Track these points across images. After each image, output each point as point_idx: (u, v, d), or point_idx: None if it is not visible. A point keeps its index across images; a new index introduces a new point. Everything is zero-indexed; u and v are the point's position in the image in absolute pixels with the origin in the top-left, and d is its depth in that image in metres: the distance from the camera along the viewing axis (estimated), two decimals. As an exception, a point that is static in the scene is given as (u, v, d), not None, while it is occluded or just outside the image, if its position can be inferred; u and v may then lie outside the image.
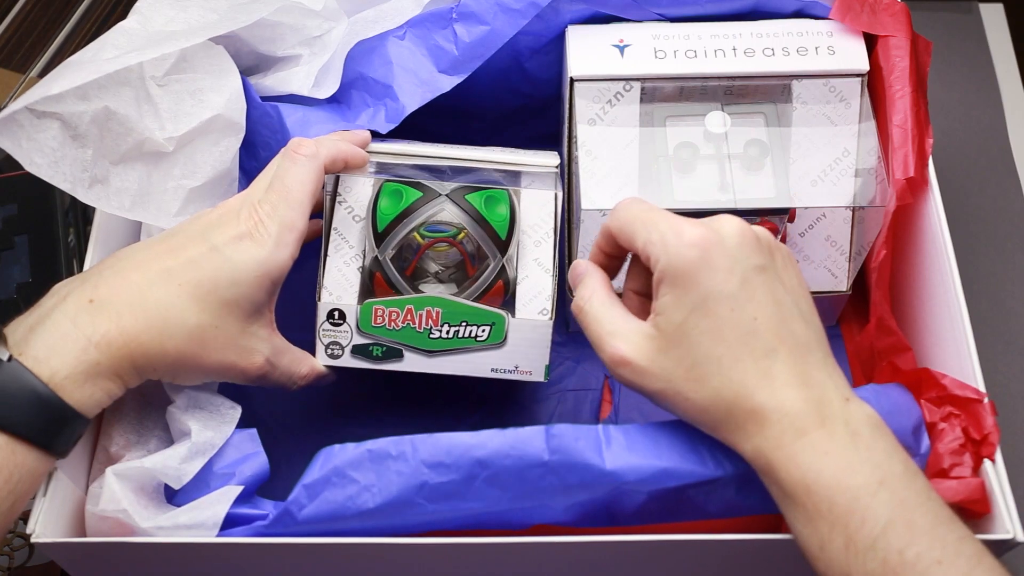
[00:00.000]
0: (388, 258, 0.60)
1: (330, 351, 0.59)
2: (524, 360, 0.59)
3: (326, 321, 0.59)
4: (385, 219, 0.60)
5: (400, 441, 0.51)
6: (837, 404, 0.48)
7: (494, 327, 0.59)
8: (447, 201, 0.61)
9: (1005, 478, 0.52)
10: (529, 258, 0.61)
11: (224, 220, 0.55)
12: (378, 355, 0.59)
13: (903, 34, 0.64)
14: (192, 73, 0.61)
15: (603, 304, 0.52)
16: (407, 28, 0.66)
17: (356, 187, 0.62)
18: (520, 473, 0.50)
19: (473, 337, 0.59)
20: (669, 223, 0.50)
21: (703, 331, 0.48)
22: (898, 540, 0.44)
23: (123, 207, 0.60)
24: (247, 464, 0.54)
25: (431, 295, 0.59)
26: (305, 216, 0.56)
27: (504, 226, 0.61)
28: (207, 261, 0.53)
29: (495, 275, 0.60)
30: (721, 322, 0.48)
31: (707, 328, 0.48)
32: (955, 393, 0.54)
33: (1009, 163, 0.82)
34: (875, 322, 0.61)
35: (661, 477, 0.50)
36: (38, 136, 0.57)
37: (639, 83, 0.65)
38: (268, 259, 0.54)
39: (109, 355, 0.50)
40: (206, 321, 0.53)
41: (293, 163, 0.57)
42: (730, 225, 0.50)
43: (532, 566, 0.54)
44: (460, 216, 0.61)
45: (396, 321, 0.59)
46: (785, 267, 0.51)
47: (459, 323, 0.59)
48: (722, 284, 0.48)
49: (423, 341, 0.59)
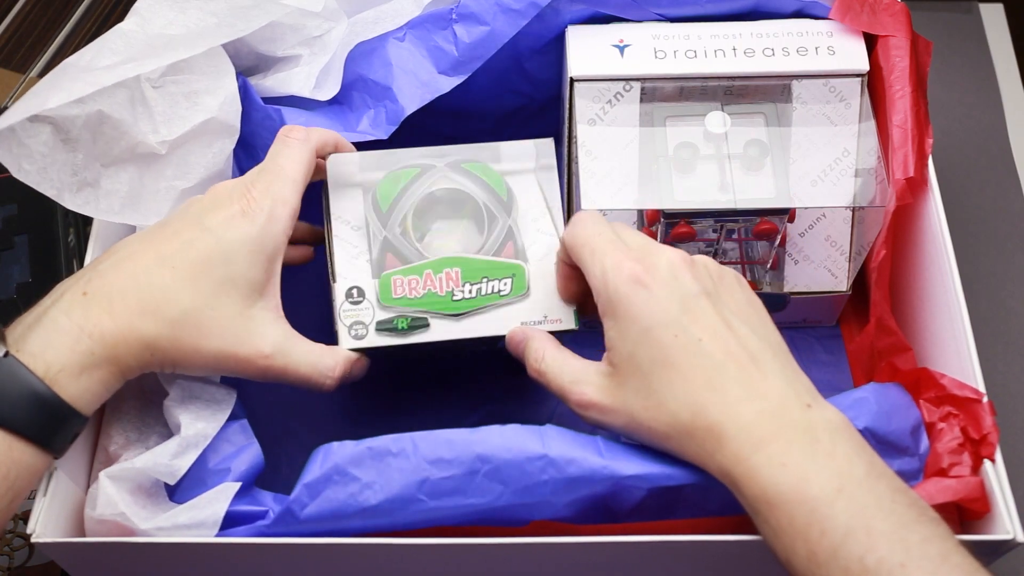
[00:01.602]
0: (397, 233, 0.60)
1: (354, 332, 0.58)
2: (551, 308, 0.59)
3: (345, 301, 0.58)
4: (387, 197, 0.60)
5: (400, 438, 0.51)
6: (796, 412, 0.47)
7: (515, 278, 0.58)
8: (446, 169, 0.61)
9: (1005, 478, 0.52)
10: (531, 229, 0.61)
11: (217, 203, 0.55)
12: (403, 327, 0.58)
13: (903, 34, 0.64)
14: (189, 75, 0.61)
15: (555, 358, 0.54)
16: (407, 29, 0.66)
17: (348, 202, 0.61)
18: (520, 466, 0.50)
19: (497, 292, 0.58)
20: (611, 257, 0.51)
21: (652, 360, 0.49)
22: (858, 547, 0.44)
23: (112, 210, 0.59)
24: (241, 457, 0.54)
25: (447, 256, 0.59)
26: (297, 193, 0.56)
27: (502, 187, 0.61)
28: (199, 242, 0.53)
29: (504, 235, 0.60)
30: (667, 348, 0.49)
31: (655, 356, 0.49)
32: (954, 393, 0.54)
33: (1009, 163, 0.82)
34: (875, 322, 0.61)
35: (660, 472, 0.51)
36: (29, 142, 0.56)
37: (639, 83, 0.65)
38: (261, 234, 0.54)
39: (103, 343, 0.50)
40: (201, 303, 0.52)
41: (286, 145, 0.57)
42: (667, 256, 0.51)
43: (532, 566, 0.54)
44: (461, 180, 0.61)
45: (417, 288, 0.58)
46: (731, 290, 0.52)
47: (480, 279, 0.58)
48: (662, 312, 0.49)
49: (447, 305, 0.58)
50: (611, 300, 0.51)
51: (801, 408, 0.48)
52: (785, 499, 0.45)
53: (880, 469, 0.46)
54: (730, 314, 0.50)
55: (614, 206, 0.64)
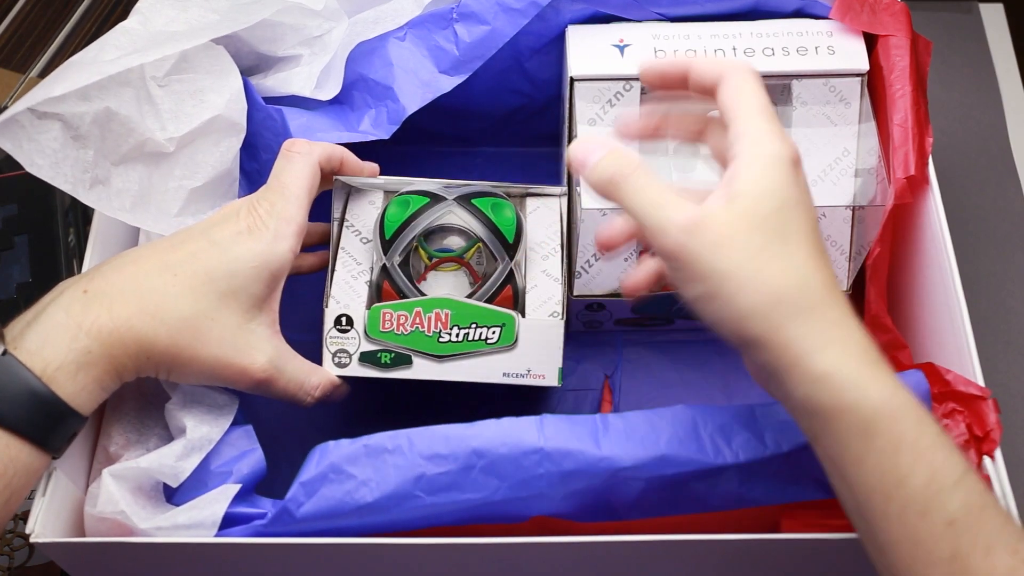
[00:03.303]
0: (396, 264, 0.60)
1: (337, 359, 0.59)
2: (536, 363, 0.58)
3: (333, 328, 0.58)
4: (392, 225, 0.60)
5: (396, 435, 0.51)
6: None
7: (504, 328, 0.58)
8: (454, 204, 0.61)
9: (1005, 477, 0.52)
10: (537, 270, 0.61)
11: (225, 219, 0.55)
12: (387, 362, 0.58)
13: (903, 34, 0.64)
14: (193, 73, 0.61)
15: (651, 175, 0.47)
16: (407, 29, 0.66)
17: (363, 213, 0.62)
18: (516, 460, 0.50)
19: (483, 340, 0.58)
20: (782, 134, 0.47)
21: (798, 206, 0.45)
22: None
23: (124, 208, 0.59)
24: (244, 461, 0.54)
25: (440, 296, 0.59)
26: (302, 210, 0.56)
27: (512, 230, 0.60)
28: (205, 254, 0.53)
29: (503, 279, 0.60)
30: (808, 225, 0.46)
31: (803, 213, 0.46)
32: (959, 389, 0.54)
33: (1009, 163, 0.82)
34: (870, 319, 0.61)
35: (659, 464, 0.50)
36: (39, 137, 0.57)
37: (639, 83, 0.65)
38: (266, 251, 0.54)
39: (100, 341, 0.50)
40: (201, 311, 0.52)
41: (288, 161, 0.57)
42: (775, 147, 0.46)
43: (532, 566, 0.54)
44: (467, 219, 0.61)
45: (404, 325, 0.58)
46: None
47: (469, 325, 0.58)
48: (809, 200, 0.47)
49: (432, 346, 0.58)
50: (777, 163, 0.46)
51: None
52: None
53: None
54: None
55: (614, 206, 0.64)
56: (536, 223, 0.63)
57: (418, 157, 0.76)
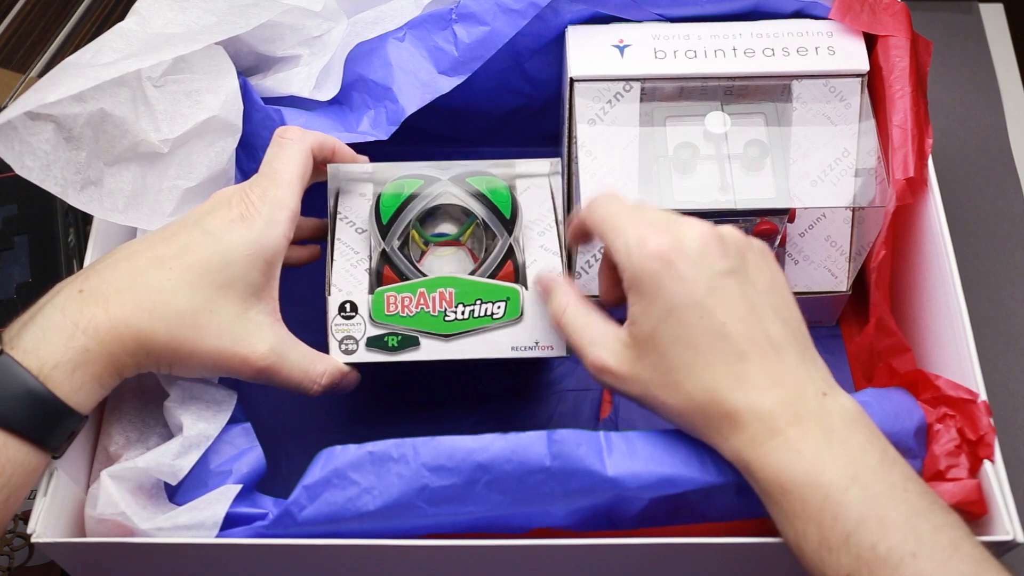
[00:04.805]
0: (395, 247, 0.60)
1: (344, 346, 0.58)
2: (543, 335, 0.58)
3: (338, 315, 0.58)
4: (388, 210, 0.60)
5: (401, 443, 0.51)
6: (813, 401, 0.48)
7: (509, 302, 0.58)
8: (449, 183, 0.61)
9: (1005, 479, 0.52)
10: (535, 245, 0.61)
11: (216, 207, 0.55)
12: (394, 345, 0.58)
13: (903, 34, 0.64)
14: (189, 74, 0.61)
15: (578, 313, 0.54)
16: (407, 29, 0.66)
17: (355, 204, 0.62)
18: (521, 478, 0.50)
19: (489, 315, 0.58)
20: (635, 231, 0.50)
21: (673, 339, 0.49)
22: (870, 535, 0.44)
23: (116, 209, 0.59)
24: (243, 460, 0.54)
25: (442, 275, 0.58)
26: (295, 196, 0.56)
27: (508, 206, 0.61)
28: (199, 245, 0.53)
29: (504, 255, 0.60)
30: (690, 329, 0.49)
31: (677, 336, 0.49)
32: (949, 394, 0.54)
33: (1009, 163, 0.82)
34: (874, 322, 0.61)
35: (663, 484, 0.50)
36: (31, 139, 0.56)
37: (639, 83, 0.65)
38: (259, 238, 0.54)
39: (98, 340, 0.50)
40: (199, 304, 0.52)
41: (280, 147, 0.57)
42: (694, 230, 0.50)
43: (531, 569, 0.54)
44: (464, 197, 0.61)
45: (409, 307, 0.58)
46: (758, 266, 0.51)
47: (473, 302, 0.58)
48: (688, 294, 0.49)
49: (438, 325, 0.58)
50: (636, 276, 0.50)
51: (817, 396, 0.48)
52: (799, 484, 0.46)
53: (893, 458, 0.47)
54: (755, 294, 0.50)
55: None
56: (528, 202, 0.63)
57: (417, 157, 0.75)
